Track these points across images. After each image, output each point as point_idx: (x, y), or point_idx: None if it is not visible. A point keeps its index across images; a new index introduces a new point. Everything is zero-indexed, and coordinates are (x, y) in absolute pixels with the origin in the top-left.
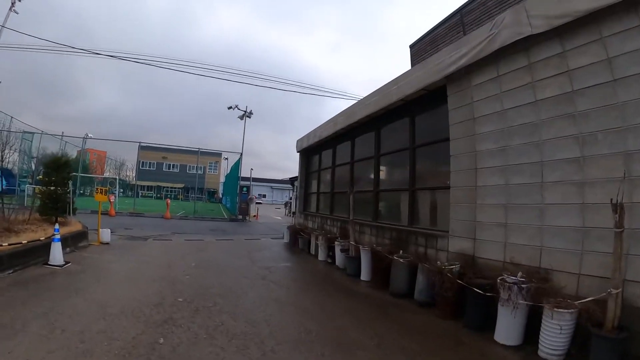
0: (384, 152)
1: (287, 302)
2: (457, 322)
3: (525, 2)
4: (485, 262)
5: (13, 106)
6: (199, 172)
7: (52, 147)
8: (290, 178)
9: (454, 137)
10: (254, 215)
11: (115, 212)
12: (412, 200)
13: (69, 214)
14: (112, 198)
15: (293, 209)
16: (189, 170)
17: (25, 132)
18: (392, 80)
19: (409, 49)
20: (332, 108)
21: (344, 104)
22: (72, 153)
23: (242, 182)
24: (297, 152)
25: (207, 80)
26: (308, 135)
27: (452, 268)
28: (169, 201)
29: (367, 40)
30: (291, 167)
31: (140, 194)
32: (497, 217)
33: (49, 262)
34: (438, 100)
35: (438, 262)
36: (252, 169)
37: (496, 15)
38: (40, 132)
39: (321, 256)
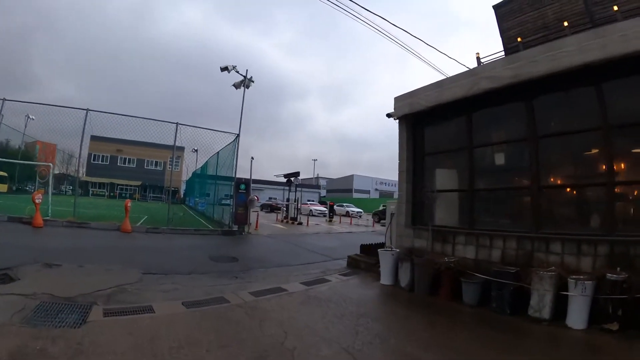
0: None
1: None
2: None
3: None
4: None
5: None
6: (158, 167)
7: None
8: (285, 175)
9: None
10: (249, 223)
11: (44, 221)
12: None
13: None
14: (37, 197)
15: (292, 214)
16: (147, 165)
17: None
18: None
19: (493, 10)
20: (290, 109)
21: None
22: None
23: (237, 178)
24: (395, 119)
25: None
26: (431, 87)
27: None
28: (129, 203)
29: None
30: (240, 164)
31: (91, 192)
32: None
33: None
34: None
35: None
36: (252, 158)
37: None
38: None
39: (578, 322)
